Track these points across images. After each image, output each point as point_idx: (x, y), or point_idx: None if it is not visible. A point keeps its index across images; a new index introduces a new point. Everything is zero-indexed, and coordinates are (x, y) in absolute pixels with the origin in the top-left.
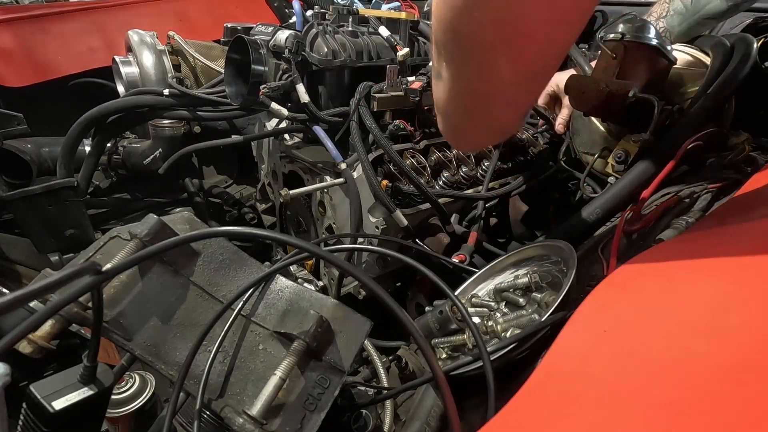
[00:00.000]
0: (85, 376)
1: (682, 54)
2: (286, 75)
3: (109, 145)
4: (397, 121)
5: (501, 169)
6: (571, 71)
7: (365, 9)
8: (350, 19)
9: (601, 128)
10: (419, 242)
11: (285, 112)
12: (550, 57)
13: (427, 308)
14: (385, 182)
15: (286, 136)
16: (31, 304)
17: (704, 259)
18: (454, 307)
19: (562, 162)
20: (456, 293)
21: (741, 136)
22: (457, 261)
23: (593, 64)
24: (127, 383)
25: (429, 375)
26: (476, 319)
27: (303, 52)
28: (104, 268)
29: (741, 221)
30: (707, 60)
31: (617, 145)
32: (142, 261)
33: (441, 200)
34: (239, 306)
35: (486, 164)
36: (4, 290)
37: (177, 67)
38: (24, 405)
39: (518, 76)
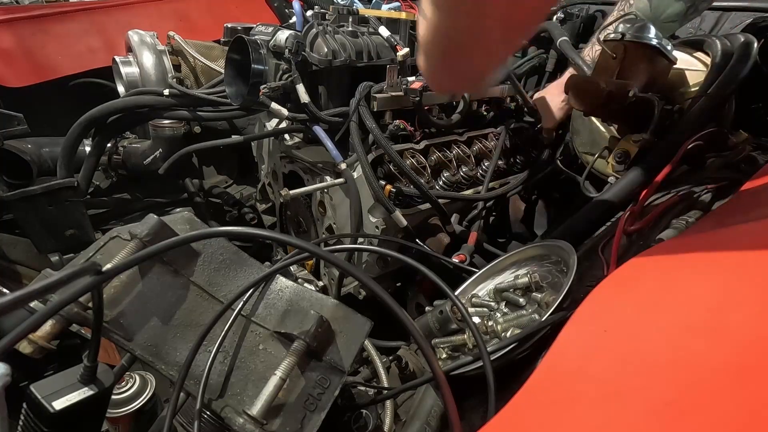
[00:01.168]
0: (86, 376)
1: (682, 54)
2: (286, 75)
3: (109, 145)
4: (397, 121)
5: (501, 169)
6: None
7: (365, 9)
8: (350, 19)
9: (602, 128)
10: (419, 242)
11: (285, 112)
12: (536, 7)
13: (427, 308)
14: (388, 187)
15: (286, 136)
16: (32, 304)
17: (704, 258)
18: (454, 307)
19: (558, 162)
20: (456, 293)
21: (741, 136)
22: (457, 261)
23: (584, 55)
24: (127, 383)
25: (429, 375)
26: (476, 319)
27: (303, 52)
28: (104, 269)
29: (741, 221)
30: (707, 60)
31: (617, 145)
32: (142, 261)
33: (440, 200)
34: (239, 306)
35: (486, 164)
36: (5, 290)
37: (177, 68)
38: (24, 405)
39: (501, 21)
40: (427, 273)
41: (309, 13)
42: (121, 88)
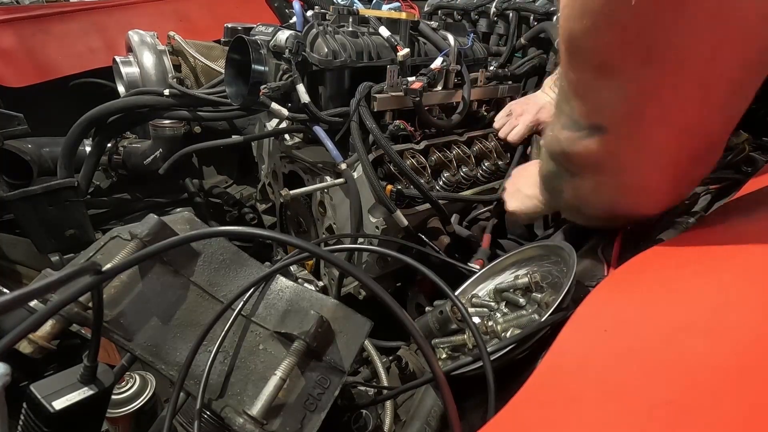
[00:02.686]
0: (86, 376)
1: None
2: (287, 75)
3: (109, 145)
4: (397, 122)
5: (501, 169)
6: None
7: (365, 9)
8: (350, 20)
9: None
10: (425, 240)
11: (285, 112)
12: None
13: (427, 308)
14: (389, 187)
15: (287, 136)
16: (32, 304)
17: (704, 259)
18: (454, 307)
19: None
20: (456, 293)
21: (741, 136)
22: (477, 267)
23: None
24: (127, 383)
25: (429, 375)
26: (476, 319)
27: (303, 53)
28: (104, 268)
29: (741, 221)
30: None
31: None
32: (142, 261)
33: (440, 201)
34: (240, 306)
35: (486, 164)
36: (4, 290)
37: (177, 68)
38: (24, 405)
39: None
40: (427, 273)
41: (309, 13)
42: (121, 88)
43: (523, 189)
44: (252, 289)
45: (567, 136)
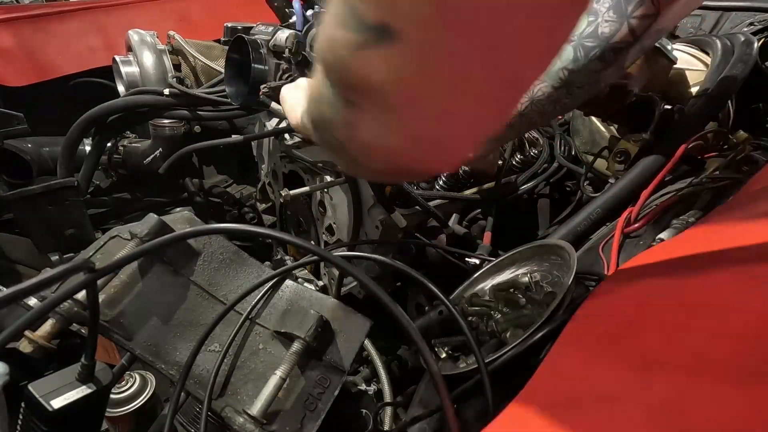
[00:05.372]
0: (83, 375)
1: (682, 54)
2: (287, 75)
3: (109, 144)
4: None
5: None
6: None
7: None
8: None
9: (602, 128)
10: (424, 240)
11: None
12: (533, 58)
13: (427, 308)
14: (388, 187)
15: (287, 135)
16: (32, 304)
17: (704, 258)
18: (455, 306)
19: (561, 158)
20: (456, 293)
21: (741, 136)
22: (478, 262)
23: None
24: (127, 383)
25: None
26: (476, 319)
27: (303, 52)
28: (98, 266)
29: (741, 221)
30: (708, 59)
31: (617, 145)
32: (136, 258)
33: (440, 201)
34: (248, 309)
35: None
36: (1, 287)
37: (177, 67)
38: (23, 404)
39: (488, 72)
40: (421, 280)
41: (309, 12)
42: (121, 88)
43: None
44: (257, 293)
45: (344, 37)
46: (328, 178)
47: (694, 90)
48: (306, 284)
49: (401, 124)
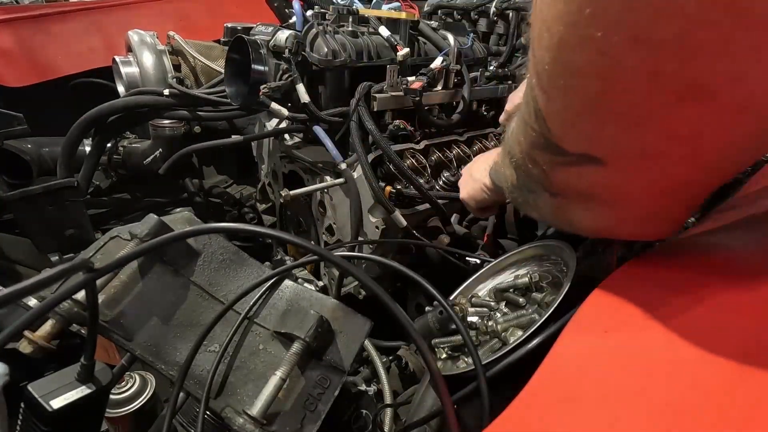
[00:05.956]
0: (83, 375)
1: None
2: (286, 75)
3: (109, 145)
4: (397, 121)
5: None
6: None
7: (365, 9)
8: (350, 19)
9: None
10: (423, 240)
11: (285, 112)
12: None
13: (427, 308)
14: (388, 188)
15: (286, 136)
16: (32, 304)
17: (705, 259)
18: (455, 307)
19: None
20: (456, 293)
21: None
22: (477, 260)
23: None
24: (127, 383)
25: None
26: (476, 319)
27: (303, 52)
28: (97, 266)
29: (741, 221)
30: None
31: None
32: (136, 257)
33: (440, 201)
34: (245, 309)
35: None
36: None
37: (177, 67)
38: (22, 405)
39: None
40: (419, 280)
41: (309, 12)
42: (121, 88)
43: (474, 174)
44: (256, 292)
45: (544, 158)
46: (328, 179)
47: None
48: (306, 284)
49: (610, 212)
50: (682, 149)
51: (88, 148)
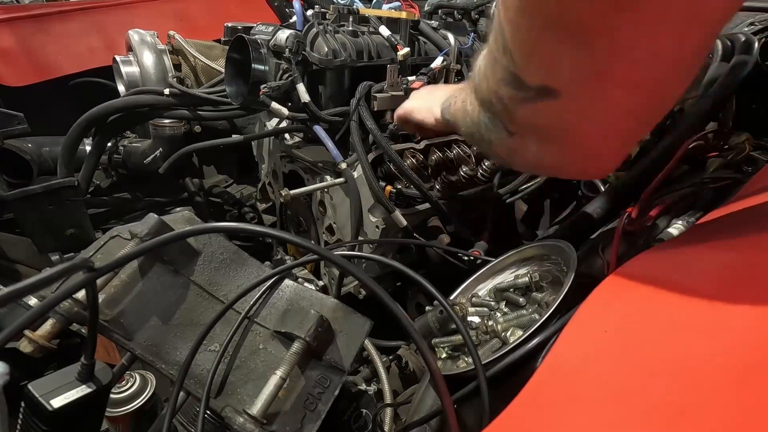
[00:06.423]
0: (83, 374)
1: None
2: (287, 74)
3: (109, 144)
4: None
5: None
6: None
7: (366, 8)
8: (351, 19)
9: None
10: (422, 241)
11: (285, 111)
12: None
13: (427, 308)
14: (388, 188)
15: (287, 135)
16: (32, 304)
17: (705, 258)
18: (455, 306)
19: None
20: (456, 293)
21: (741, 136)
22: (473, 257)
23: None
24: (127, 383)
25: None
26: (476, 319)
27: (303, 52)
28: (97, 265)
29: (741, 221)
30: (708, 60)
31: None
32: (136, 257)
33: (441, 201)
34: (246, 309)
35: (486, 163)
36: (1, 287)
37: (177, 67)
38: (23, 404)
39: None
40: (419, 280)
41: (309, 12)
42: (121, 88)
43: (426, 99)
44: (256, 292)
45: (509, 93)
46: (329, 178)
47: (694, 90)
48: (306, 284)
49: (560, 151)
50: (623, 66)
51: (88, 148)
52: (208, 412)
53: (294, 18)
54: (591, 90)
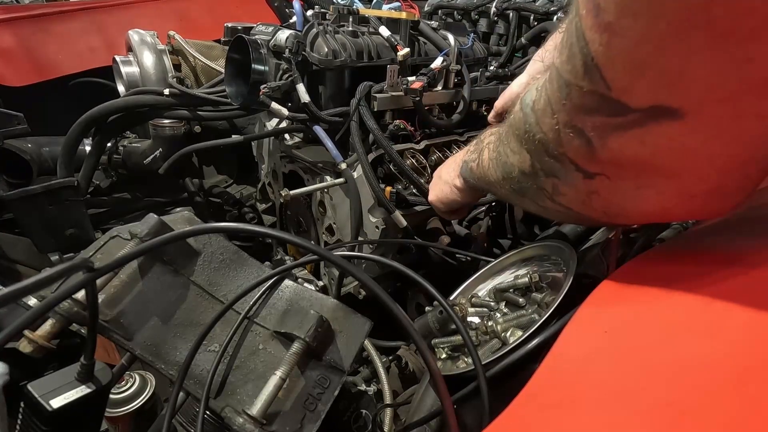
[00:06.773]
0: (83, 374)
1: None
2: (287, 75)
3: (109, 144)
4: (397, 121)
5: None
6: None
7: (366, 9)
8: (350, 19)
9: None
10: (422, 242)
11: (285, 111)
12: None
13: (427, 308)
14: (388, 188)
15: (287, 135)
16: (32, 304)
17: (705, 258)
18: (455, 307)
19: None
20: (456, 293)
21: None
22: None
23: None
24: (127, 383)
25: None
26: (476, 319)
27: (303, 52)
28: (97, 265)
29: (741, 221)
30: None
31: None
32: (136, 257)
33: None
34: (246, 308)
35: None
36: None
37: (177, 67)
38: (22, 404)
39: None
40: (418, 280)
41: (309, 12)
42: (121, 88)
43: (443, 176)
44: (256, 292)
45: (595, 123)
46: (328, 178)
47: None
48: (306, 284)
49: (670, 187)
50: None
51: (88, 148)
52: (207, 412)
53: (294, 18)
54: (735, 106)
